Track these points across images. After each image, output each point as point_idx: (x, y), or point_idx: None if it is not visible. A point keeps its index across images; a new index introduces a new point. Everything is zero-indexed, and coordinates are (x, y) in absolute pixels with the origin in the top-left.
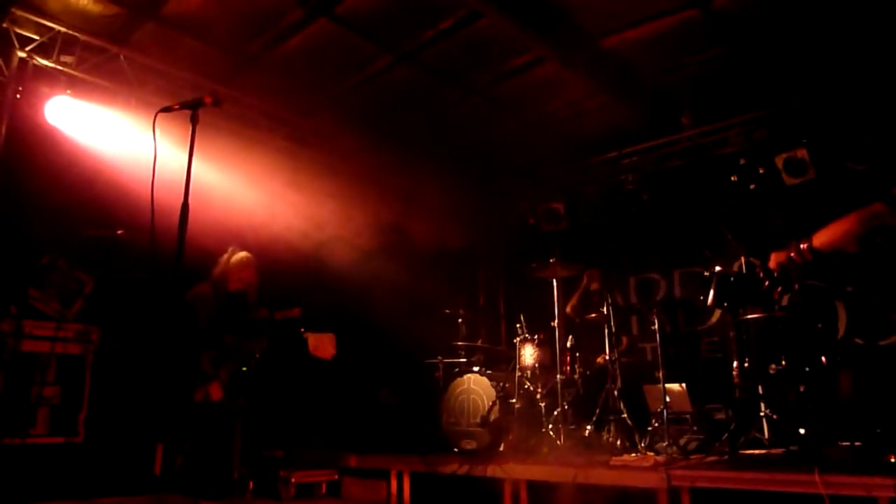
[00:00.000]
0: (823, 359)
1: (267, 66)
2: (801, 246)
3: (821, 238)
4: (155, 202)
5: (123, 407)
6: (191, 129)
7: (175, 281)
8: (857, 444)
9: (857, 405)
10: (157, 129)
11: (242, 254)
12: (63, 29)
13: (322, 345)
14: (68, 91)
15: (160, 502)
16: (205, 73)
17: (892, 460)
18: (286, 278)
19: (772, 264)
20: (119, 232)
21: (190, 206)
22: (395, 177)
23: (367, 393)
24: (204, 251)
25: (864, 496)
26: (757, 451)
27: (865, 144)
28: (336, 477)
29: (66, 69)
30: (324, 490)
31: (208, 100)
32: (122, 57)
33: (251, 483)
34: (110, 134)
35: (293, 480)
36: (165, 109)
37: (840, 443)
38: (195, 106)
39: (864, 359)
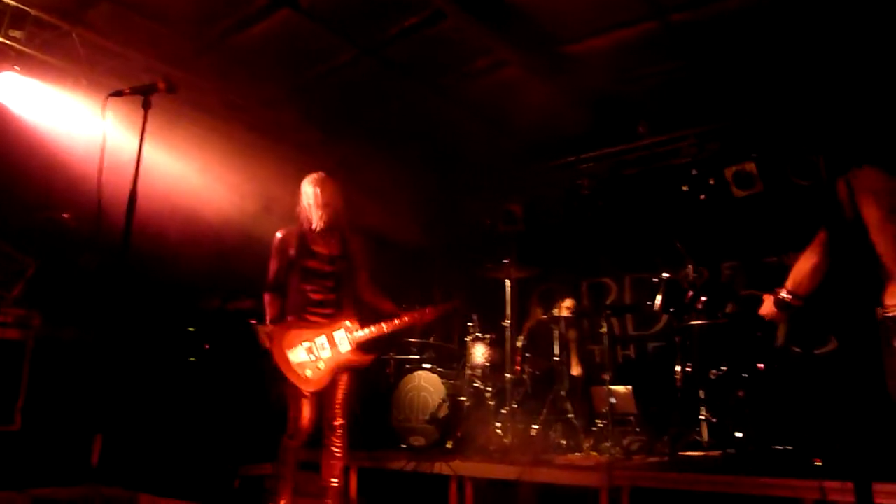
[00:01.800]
0: (761, 365)
1: (227, 52)
2: (786, 297)
3: (798, 282)
4: (104, 187)
5: (63, 395)
6: (143, 114)
7: (121, 267)
8: (788, 447)
9: (790, 410)
10: (108, 112)
11: None
12: (12, 2)
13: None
14: (16, 67)
15: (97, 493)
16: (161, 57)
17: (818, 463)
18: (239, 269)
19: (766, 316)
20: (65, 216)
21: (140, 193)
22: (354, 171)
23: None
24: (153, 238)
25: (791, 497)
26: (696, 453)
27: (810, 161)
28: None
29: (14, 44)
30: (268, 485)
31: (162, 85)
32: (74, 35)
33: (197, 477)
34: (59, 114)
35: (240, 473)
36: (116, 94)
37: (773, 446)
38: (148, 91)
39: (800, 366)
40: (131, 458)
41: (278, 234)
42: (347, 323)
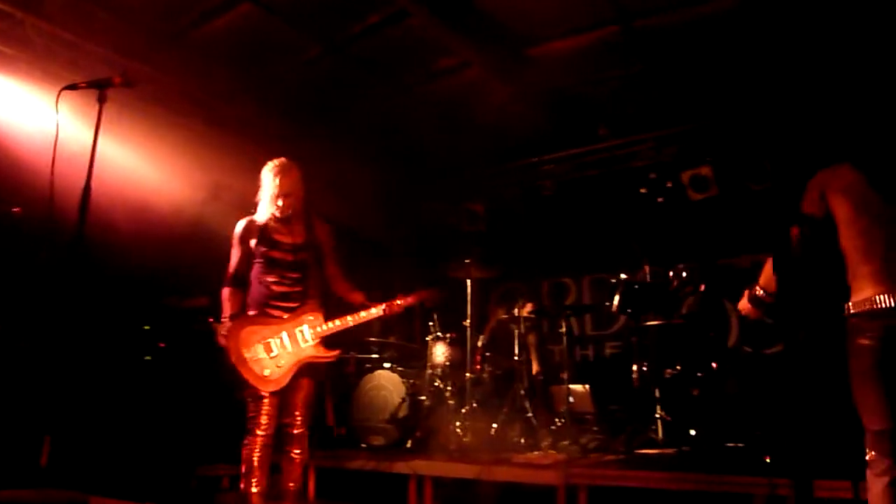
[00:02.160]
0: (714, 365)
1: (187, 46)
2: (759, 293)
3: (768, 280)
4: (57, 181)
5: (10, 395)
6: (98, 108)
7: (73, 264)
8: (740, 445)
9: (742, 409)
10: (62, 105)
11: None
12: None
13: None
14: None
15: (46, 496)
16: (119, 49)
17: (768, 461)
18: (196, 267)
19: (742, 310)
20: (15, 210)
21: (94, 188)
22: (316, 169)
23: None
24: (108, 234)
25: (742, 493)
26: (651, 451)
27: (764, 167)
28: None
29: None
30: (226, 484)
31: (118, 80)
32: (28, 24)
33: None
34: (11, 105)
35: (195, 474)
36: (71, 87)
37: (726, 444)
38: (103, 85)
39: (751, 366)
40: (83, 460)
41: (240, 224)
42: (310, 317)
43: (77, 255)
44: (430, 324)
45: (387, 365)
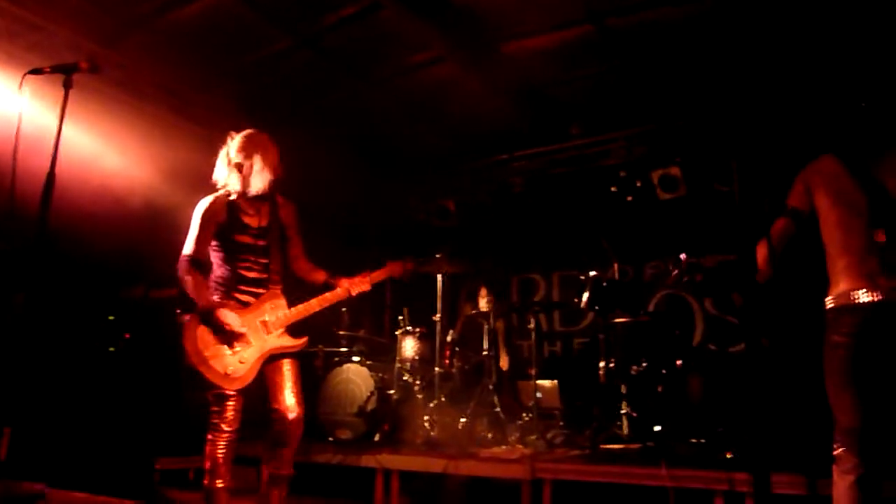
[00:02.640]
0: (679, 362)
1: (157, 32)
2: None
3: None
4: (19, 168)
5: None
6: (63, 93)
7: (36, 252)
8: (702, 441)
9: (705, 405)
10: (26, 89)
11: None
12: None
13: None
14: None
15: (4, 488)
16: (87, 34)
17: (729, 456)
18: (163, 257)
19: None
20: None
21: (59, 175)
22: (285, 161)
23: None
24: (73, 223)
25: (703, 489)
26: (616, 446)
27: (730, 168)
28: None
29: None
30: (191, 477)
31: (84, 65)
32: None
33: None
34: None
35: (158, 467)
36: (35, 71)
37: (690, 440)
38: (69, 70)
39: (715, 364)
40: (43, 452)
41: (203, 202)
42: (271, 305)
43: (40, 244)
44: (400, 318)
45: (356, 358)
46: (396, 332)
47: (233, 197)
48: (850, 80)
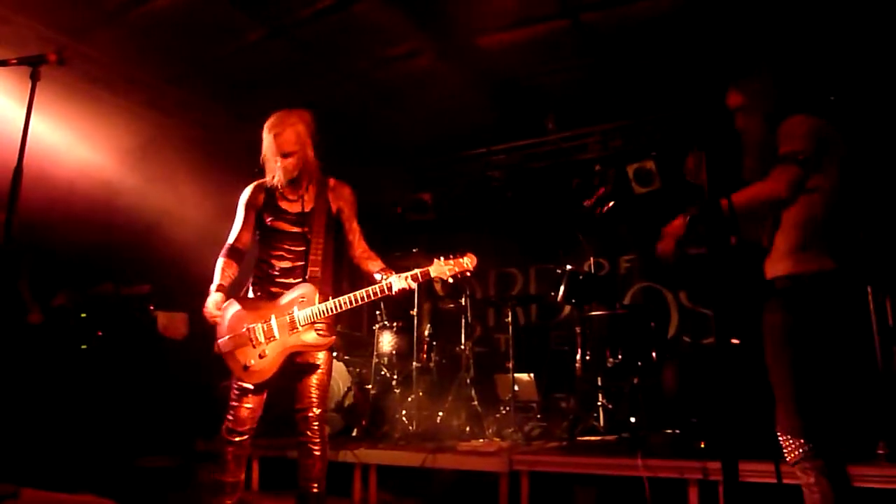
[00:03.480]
0: (654, 354)
1: (128, 24)
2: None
3: (745, 199)
4: None
5: None
6: (30, 86)
7: (4, 249)
8: (676, 431)
9: (680, 396)
10: None
11: None
12: None
13: (173, 324)
14: None
15: None
16: (56, 26)
17: (703, 446)
18: (135, 253)
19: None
20: None
21: (27, 170)
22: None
23: (219, 376)
24: (42, 219)
25: (677, 478)
26: (593, 438)
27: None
28: (183, 462)
29: None
30: (170, 475)
31: (52, 57)
32: None
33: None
34: None
35: (136, 466)
36: (1, 63)
37: (665, 430)
38: (36, 62)
39: (689, 355)
40: (16, 452)
41: (247, 189)
42: (302, 298)
43: (7, 240)
44: (378, 312)
45: (333, 354)
46: (374, 327)
47: (274, 182)
48: (818, 74)
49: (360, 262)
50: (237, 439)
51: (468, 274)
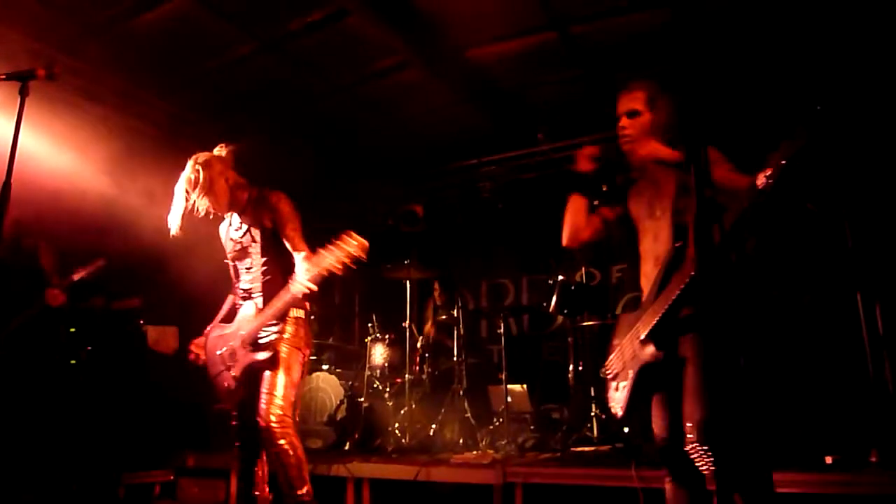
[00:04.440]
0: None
1: (118, 38)
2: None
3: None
4: None
5: None
6: (19, 101)
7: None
8: None
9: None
10: None
11: None
12: None
13: (163, 338)
14: None
15: None
16: (45, 40)
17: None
18: (125, 268)
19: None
20: None
21: (15, 184)
22: (252, 166)
23: (208, 390)
24: (31, 233)
25: None
26: (587, 449)
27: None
28: (171, 477)
29: None
30: (157, 492)
31: (41, 72)
32: None
33: (74, 485)
34: None
35: (123, 481)
36: None
37: None
38: (26, 77)
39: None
40: (3, 467)
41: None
42: (244, 319)
43: None
44: (370, 325)
45: (325, 367)
46: (366, 340)
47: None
48: (806, 84)
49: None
50: (237, 455)
51: (361, 256)
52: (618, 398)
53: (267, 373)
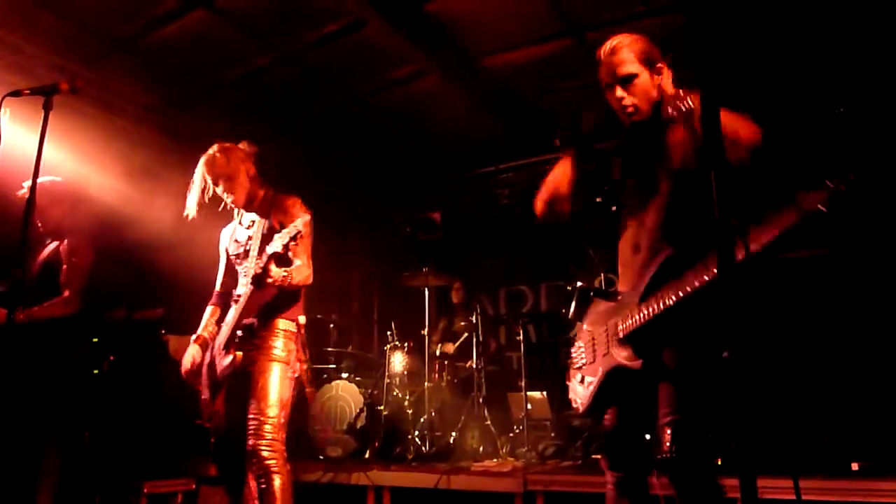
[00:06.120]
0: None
1: (139, 52)
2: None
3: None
4: None
5: None
6: (43, 116)
7: (17, 275)
8: None
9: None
10: (6, 112)
11: None
12: None
13: (185, 348)
14: None
15: None
16: (67, 55)
17: (719, 463)
18: (147, 278)
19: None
20: None
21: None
22: (270, 177)
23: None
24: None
25: None
26: None
27: None
28: (193, 486)
29: None
30: (179, 500)
31: (64, 86)
32: None
33: (97, 497)
34: None
35: (145, 490)
36: (14, 94)
37: None
38: (49, 92)
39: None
40: (24, 477)
41: (222, 231)
42: (230, 318)
43: (22, 265)
44: (388, 333)
45: (344, 375)
46: (385, 347)
47: (236, 216)
48: (831, 88)
49: None
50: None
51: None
52: (581, 394)
53: (255, 390)
